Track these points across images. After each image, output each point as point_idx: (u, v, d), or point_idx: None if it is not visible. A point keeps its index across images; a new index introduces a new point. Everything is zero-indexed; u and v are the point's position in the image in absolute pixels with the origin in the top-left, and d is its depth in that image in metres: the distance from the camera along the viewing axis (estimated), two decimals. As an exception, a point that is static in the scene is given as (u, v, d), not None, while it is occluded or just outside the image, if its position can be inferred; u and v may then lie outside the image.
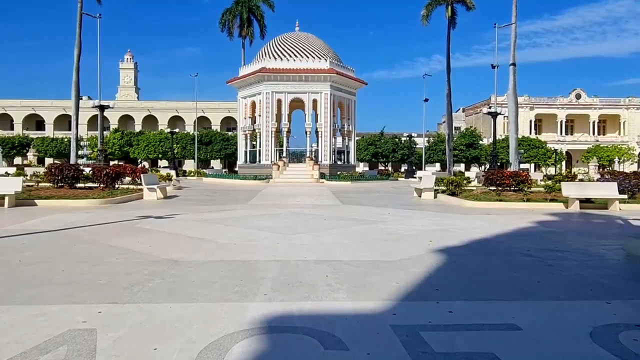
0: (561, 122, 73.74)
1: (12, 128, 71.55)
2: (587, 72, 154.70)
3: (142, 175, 17.34)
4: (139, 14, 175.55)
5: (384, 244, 8.56)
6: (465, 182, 20.57)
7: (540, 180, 30.42)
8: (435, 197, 18.93)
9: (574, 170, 66.97)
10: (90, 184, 19.60)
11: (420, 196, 19.23)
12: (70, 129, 72.64)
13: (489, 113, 26.31)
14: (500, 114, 26.35)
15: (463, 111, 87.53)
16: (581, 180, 27.35)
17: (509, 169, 28.19)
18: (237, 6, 47.18)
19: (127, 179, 23.42)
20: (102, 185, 18.49)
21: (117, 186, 19.75)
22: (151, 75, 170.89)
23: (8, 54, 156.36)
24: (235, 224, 10.96)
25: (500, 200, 16.10)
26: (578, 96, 74.20)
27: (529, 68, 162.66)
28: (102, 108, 24.78)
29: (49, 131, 70.15)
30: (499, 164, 60.95)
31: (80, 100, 66.30)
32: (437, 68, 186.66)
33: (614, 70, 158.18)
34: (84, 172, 19.23)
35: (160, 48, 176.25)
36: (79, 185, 19.37)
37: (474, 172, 54.95)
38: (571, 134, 75.64)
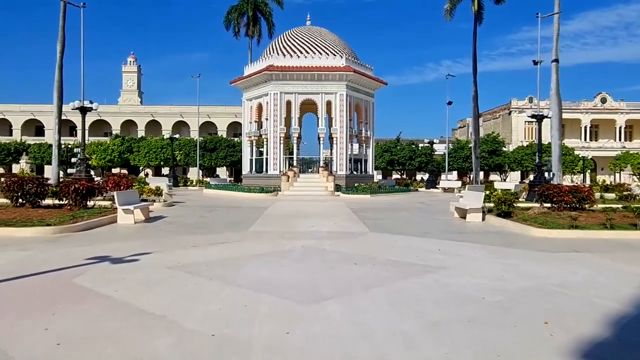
0: (585, 127, 69.70)
1: (10, 134, 68.75)
2: (598, 77, 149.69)
3: (116, 193, 13.77)
4: (147, 19, 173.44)
5: (469, 331, 4.92)
6: (513, 197, 16.83)
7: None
8: (483, 219, 15.23)
9: (601, 178, 62.78)
10: (60, 202, 16.12)
11: (464, 217, 15.52)
12: (71, 135, 70.18)
13: (532, 116, 22.60)
14: (547, 116, 22.63)
15: (480, 116, 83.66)
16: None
17: (553, 181, 24.43)
18: (244, 3, 43.87)
19: (113, 193, 19.97)
20: (70, 204, 14.99)
21: (94, 204, 16.28)
22: (159, 80, 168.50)
23: (8, 58, 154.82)
24: (223, 275, 7.33)
25: (576, 227, 12.34)
26: (603, 100, 70.16)
27: (539, 72, 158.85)
28: (83, 110, 21.35)
29: (49, 137, 67.16)
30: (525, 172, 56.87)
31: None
32: (446, 73, 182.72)
33: (626, 76, 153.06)
34: (49, 187, 15.74)
35: (169, 54, 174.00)
36: (45, 202, 15.95)
37: (494, 180, 51.03)
38: (595, 140, 71.53)
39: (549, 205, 16.84)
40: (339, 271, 7.75)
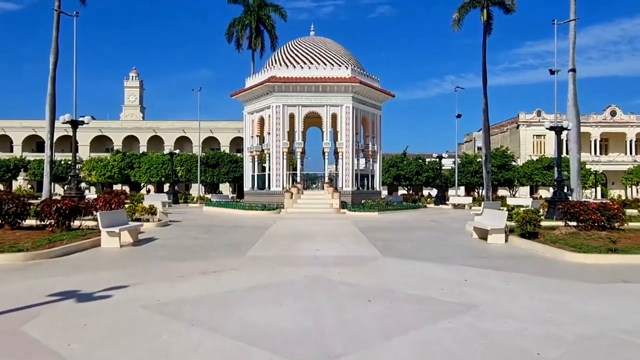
0: (595, 140, 68.24)
1: (11, 150, 67.92)
2: (603, 91, 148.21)
3: (99, 213, 12.45)
4: (152, 38, 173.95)
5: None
6: (537, 216, 15.40)
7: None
8: (506, 240, 13.81)
9: (616, 192, 61.07)
10: (43, 222, 14.80)
11: (483, 238, 14.12)
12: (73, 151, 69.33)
13: (551, 128, 21.24)
14: (566, 128, 21.23)
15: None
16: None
17: (572, 196, 23.05)
18: (247, 15, 43.01)
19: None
20: (52, 224, 13.70)
21: (80, 224, 14.95)
22: (164, 98, 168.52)
23: (13, 74, 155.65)
24: (209, 319, 5.96)
25: (615, 251, 10.91)
26: (613, 113, 68.88)
27: (542, 87, 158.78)
28: (74, 124, 20.19)
29: (50, 153, 66.23)
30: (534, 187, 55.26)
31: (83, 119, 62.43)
32: (449, 89, 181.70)
33: (632, 90, 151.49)
34: (31, 207, 14.48)
35: (174, 71, 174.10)
36: (27, 223, 14.69)
37: (503, 195, 49.43)
38: (605, 154, 70.07)
39: (574, 224, 15.50)
40: (350, 312, 6.38)
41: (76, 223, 14.83)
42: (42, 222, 14.24)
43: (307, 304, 6.77)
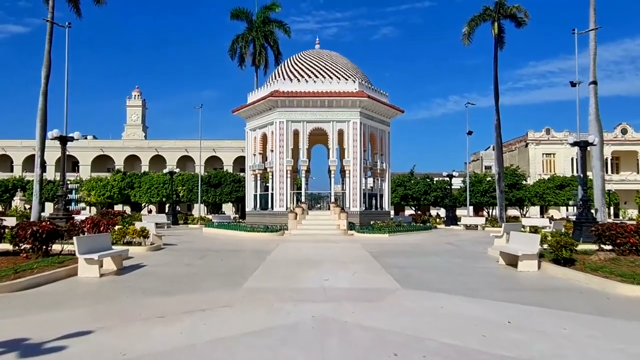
0: (606, 159, 66.59)
1: (11, 170, 66.92)
2: (608, 111, 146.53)
3: (75, 238, 10.92)
4: (156, 59, 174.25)
5: None
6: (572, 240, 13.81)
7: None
8: (539, 267, 12.20)
9: (634, 212, 59.26)
10: (19, 247, 13.34)
11: (512, 265, 12.55)
12: (74, 171, 68.28)
13: (574, 143, 19.72)
14: (592, 144, 19.73)
15: (494, 149, 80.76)
16: None
17: (597, 217, 21.41)
18: (251, 32, 42.04)
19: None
20: (28, 250, 12.22)
21: (62, 249, 13.46)
22: (166, 118, 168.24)
23: (15, 95, 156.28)
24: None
25: (674, 282, 9.32)
26: (624, 131, 67.52)
27: (547, 106, 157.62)
28: (63, 140, 18.84)
29: (50, 173, 65.21)
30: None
31: (85, 140, 62.39)
32: (454, 109, 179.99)
33: (635, 109, 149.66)
34: (6, 230, 13.03)
35: (177, 91, 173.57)
36: (1, 247, 13.25)
37: (514, 215, 47.65)
38: (617, 173, 68.48)
39: (609, 247, 13.98)
40: (373, 373, 4.83)
41: (57, 248, 13.38)
42: (18, 247, 12.79)
43: (315, 358, 5.22)
